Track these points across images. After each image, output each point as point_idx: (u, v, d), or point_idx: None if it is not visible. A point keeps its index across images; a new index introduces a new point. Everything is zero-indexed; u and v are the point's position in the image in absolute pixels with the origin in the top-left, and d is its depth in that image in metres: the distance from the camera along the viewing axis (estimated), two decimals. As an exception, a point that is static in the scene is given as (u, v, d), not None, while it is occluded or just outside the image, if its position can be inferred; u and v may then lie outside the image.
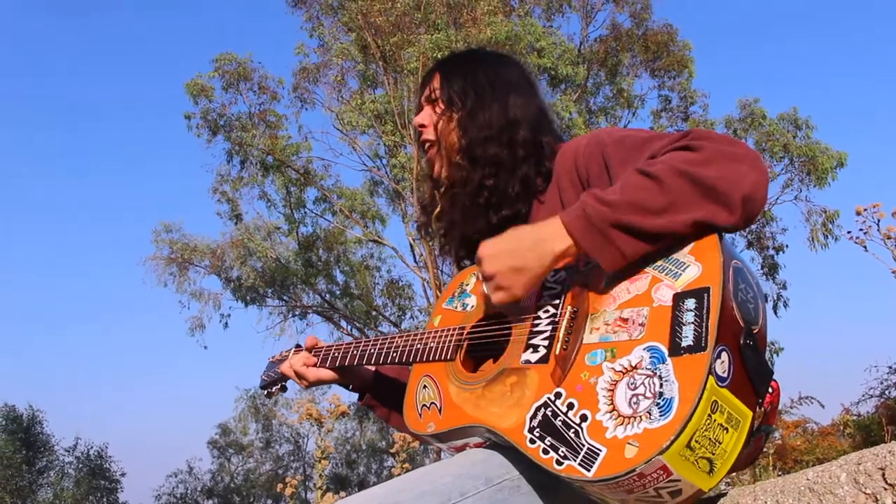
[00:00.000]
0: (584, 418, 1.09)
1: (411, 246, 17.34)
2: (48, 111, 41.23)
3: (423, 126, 1.55)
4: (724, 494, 1.19)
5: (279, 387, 1.84)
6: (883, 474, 1.00)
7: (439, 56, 13.83)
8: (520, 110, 1.46)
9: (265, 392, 1.88)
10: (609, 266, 1.16)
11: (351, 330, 19.02)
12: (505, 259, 1.23)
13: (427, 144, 1.55)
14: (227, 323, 18.98)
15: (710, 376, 1.01)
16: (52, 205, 40.68)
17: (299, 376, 1.70)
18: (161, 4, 39.41)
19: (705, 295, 1.08)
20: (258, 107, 17.34)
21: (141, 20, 40.44)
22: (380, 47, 15.93)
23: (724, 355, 1.04)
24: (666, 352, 1.06)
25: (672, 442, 0.99)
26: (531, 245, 1.21)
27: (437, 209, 1.54)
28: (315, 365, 1.69)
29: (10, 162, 38.70)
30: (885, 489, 0.99)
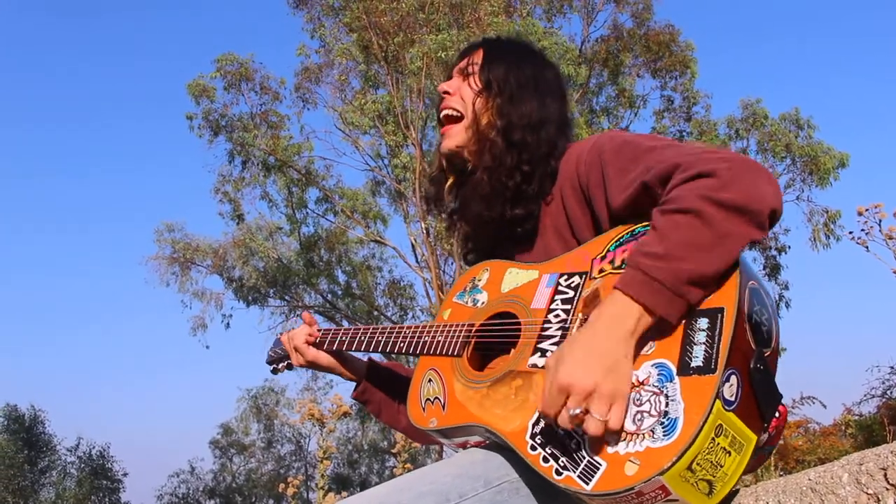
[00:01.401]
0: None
1: (413, 246, 17.35)
2: (49, 111, 41.29)
3: (447, 93, 1.52)
4: (737, 492, 1.19)
5: (285, 364, 1.80)
6: (885, 474, 1.00)
7: (443, 56, 13.86)
8: (552, 111, 1.47)
9: (271, 368, 1.85)
10: (677, 319, 1.09)
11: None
12: (590, 365, 1.06)
13: (449, 116, 1.51)
14: (228, 323, 19.01)
15: (718, 399, 1.00)
16: (54, 205, 40.73)
17: (297, 351, 1.69)
18: (162, 4, 39.44)
19: (719, 315, 1.06)
20: (260, 107, 17.34)
21: (142, 20, 40.48)
22: (382, 48, 15.93)
23: (734, 378, 1.03)
24: (674, 370, 1.05)
25: (673, 463, 0.98)
26: (606, 336, 1.09)
27: (450, 182, 1.52)
28: (317, 342, 1.68)
29: (11, 161, 38.72)
30: (888, 489, 0.99)
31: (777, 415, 1.10)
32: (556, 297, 1.28)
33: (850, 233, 3.49)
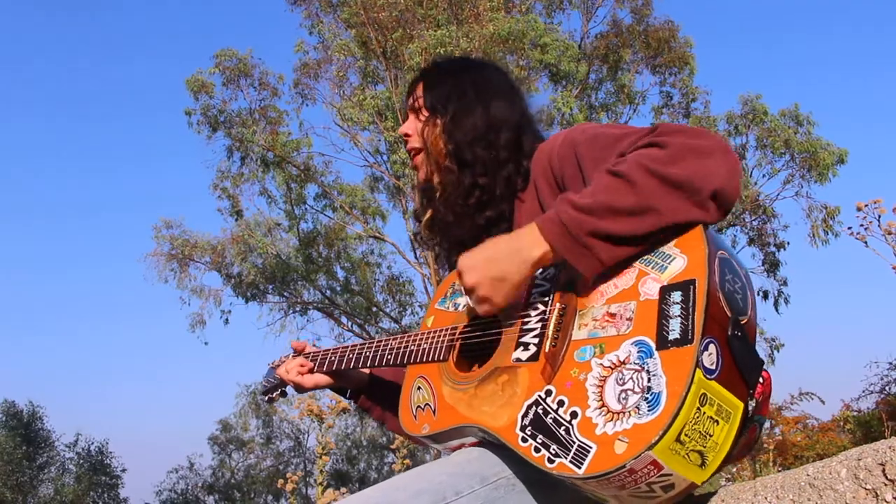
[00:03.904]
0: (574, 415, 1.09)
1: (412, 242, 17.33)
2: (47, 108, 41.22)
3: (407, 136, 1.58)
4: (715, 493, 1.19)
5: (279, 392, 1.86)
6: (883, 470, 1.00)
7: (442, 52, 13.84)
8: (502, 113, 1.48)
9: (266, 398, 1.90)
10: (587, 272, 1.16)
11: (351, 326, 19.04)
12: (484, 269, 1.23)
13: (413, 153, 1.57)
14: (227, 319, 19.01)
15: (698, 369, 1.01)
16: (52, 201, 40.69)
17: (296, 385, 1.72)
18: (161, 0, 39.36)
19: (691, 287, 1.08)
20: (258, 103, 17.35)
21: (141, 16, 40.40)
22: (381, 44, 15.91)
23: (712, 347, 1.04)
24: (653, 346, 1.07)
25: (661, 436, 0.99)
26: (509, 254, 1.22)
27: (428, 216, 1.56)
28: (311, 369, 1.70)
29: (10, 160, 38.70)
30: (886, 485, 0.99)
31: (761, 381, 1.11)
32: (534, 290, 1.30)
33: (849, 228, 3.48)
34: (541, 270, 1.29)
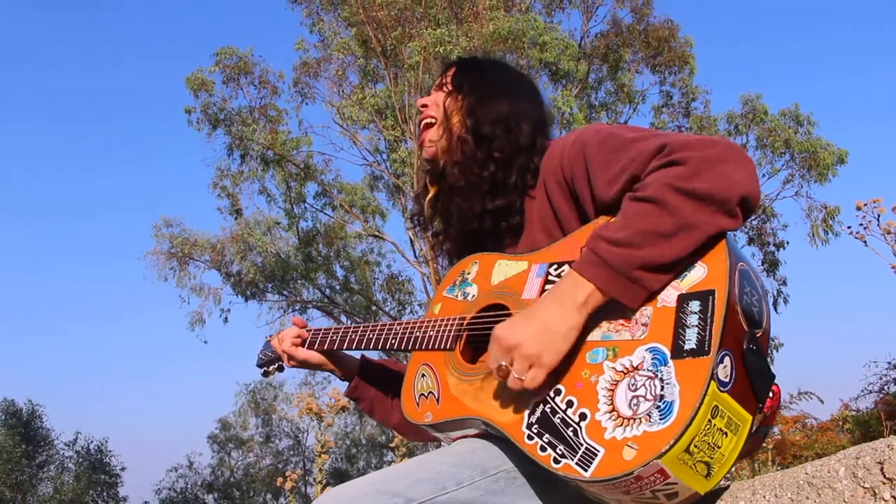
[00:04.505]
0: (583, 417, 1.09)
1: (411, 241, 17.33)
2: (47, 108, 41.18)
3: (425, 106, 1.57)
4: (727, 489, 1.19)
5: (276, 366, 1.82)
6: (881, 468, 1.00)
7: (441, 51, 13.85)
8: (525, 110, 1.49)
9: (261, 371, 1.86)
10: (636, 304, 1.13)
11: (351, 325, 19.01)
12: (527, 326, 1.15)
13: (425, 126, 1.56)
14: (227, 318, 18.98)
15: (712, 381, 1.01)
16: (52, 201, 40.64)
17: (288, 355, 1.71)
18: (161, 0, 39.31)
19: (710, 298, 1.07)
20: (259, 101, 17.32)
21: (141, 16, 40.36)
22: (380, 42, 15.90)
23: (727, 360, 1.04)
24: (668, 354, 1.06)
25: (671, 446, 0.99)
26: (549, 305, 1.16)
27: (432, 193, 1.54)
28: (307, 342, 1.69)
29: (10, 160, 38.65)
30: (884, 483, 0.99)
31: (771, 395, 1.11)
32: (547, 286, 1.28)
33: (849, 227, 3.47)
34: (554, 268, 1.28)
